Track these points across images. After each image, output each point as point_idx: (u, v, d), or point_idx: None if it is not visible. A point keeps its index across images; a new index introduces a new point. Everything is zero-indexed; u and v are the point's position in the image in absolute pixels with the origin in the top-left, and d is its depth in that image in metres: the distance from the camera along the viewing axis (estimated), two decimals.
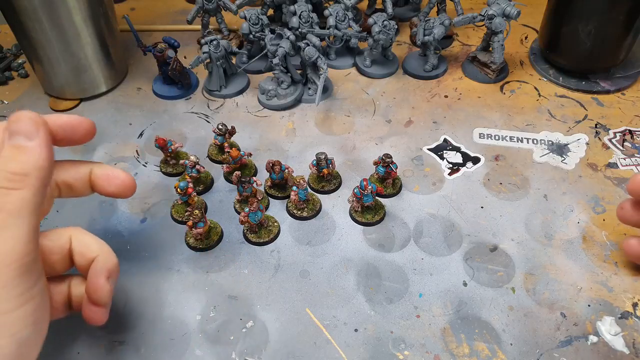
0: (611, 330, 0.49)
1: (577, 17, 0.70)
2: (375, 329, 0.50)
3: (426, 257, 0.56)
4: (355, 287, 0.53)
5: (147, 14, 0.95)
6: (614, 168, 0.64)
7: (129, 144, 0.70)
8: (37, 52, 0.71)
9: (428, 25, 0.75)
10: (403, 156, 0.66)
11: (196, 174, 0.61)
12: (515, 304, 0.51)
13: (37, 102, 0.77)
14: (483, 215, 0.59)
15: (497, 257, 0.55)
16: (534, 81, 0.77)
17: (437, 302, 0.52)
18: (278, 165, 0.59)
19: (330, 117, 0.73)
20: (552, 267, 0.54)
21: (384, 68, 0.79)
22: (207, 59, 0.73)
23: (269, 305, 0.52)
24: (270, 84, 0.73)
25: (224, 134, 0.64)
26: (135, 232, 0.59)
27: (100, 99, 0.77)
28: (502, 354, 0.48)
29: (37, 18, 0.66)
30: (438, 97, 0.75)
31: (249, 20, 0.75)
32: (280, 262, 0.56)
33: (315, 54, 0.70)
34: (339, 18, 0.76)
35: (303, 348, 0.49)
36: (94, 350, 0.49)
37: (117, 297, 0.53)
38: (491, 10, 0.71)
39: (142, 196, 0.63)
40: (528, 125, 0.70)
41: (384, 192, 0.60)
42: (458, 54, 0.83)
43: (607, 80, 0.75)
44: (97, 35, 0.72)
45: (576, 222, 0.58)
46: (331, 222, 0.60)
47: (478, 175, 0.64)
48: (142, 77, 0.81)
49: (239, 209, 0.60)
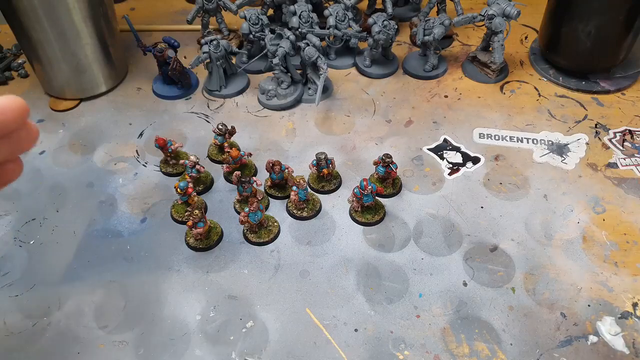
0: (611, 330, 0.49)
1: (577, 17, 0.70)
2: (375, 329, 0.50)
3: (426, 257, 0.56)
4: (355, 287, 0.53)
5: (147, 14, 0.95)
6: (614, 168, 0.64)
7: (129, 144, 0.70)
8: (37, 52, 0.71)
9: (428, 25, 0.75)
10: (403, 156, 0.66)
11: (196, 174, 0.61)
12: (515, 304, 0.51)
13: (37, 102, 0.77)
14: (483, 215, 0.59)
15: (497, 257, 0.55)
16: (534, 81, 0.77)
17: (437, 302, 0.52)
18: (278, 165, 0.59)
19: (330, 117, 0.73)
20: (552, 267, 0.54)
21: (384, 68, 0.79)
22: (207, 59, 0.73)
23: (269, 305, 0.52)
24: (270, 84, 0.73)
25: (224, 134, 0.64)
26: (135, 232, 0.59)
27: (100, 99, 0.77)
28: (502, 354, 0.48)
29: (37, 18, 0.66)
30: (438, 97, 0.75)
31: (249, 20, 0.75)
32: (280, 262, 0.56)
33: (315, 54, 0.70)
34: (339, 18, 0.76)
35: (303, 348, 0.49)
36: (94, 350, 0.49)
37: (117, 297, 0.53)
38: (491, 10, 0.71)
39: (142, 196, 0.63)
40: (528, 125, 0.70)
41: (384, 192, 0.60)
42: (458, 54, 0.83)
43: (607, 80, 0.75)
44: (97, 35, 0.72)
45: (576, 222, 0.58)
46: (331, 222, 0.60)
47: (478, 175, 0.64)
48: (142, 77, 0.81)
49: (239, 209, 0.60)
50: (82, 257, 0.57)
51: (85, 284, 0.54)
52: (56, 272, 0.56)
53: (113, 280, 0.55)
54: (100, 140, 0.70)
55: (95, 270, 0.56)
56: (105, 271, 0.56)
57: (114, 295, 0.54)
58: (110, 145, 0.70)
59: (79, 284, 0.54)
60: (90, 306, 0.53)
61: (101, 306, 0.53)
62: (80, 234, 0.59)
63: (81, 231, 0.60)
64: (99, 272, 0.56)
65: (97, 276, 0.55)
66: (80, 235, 0.59)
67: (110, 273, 0.55)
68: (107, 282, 0.55)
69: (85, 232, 0.60)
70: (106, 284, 0.54)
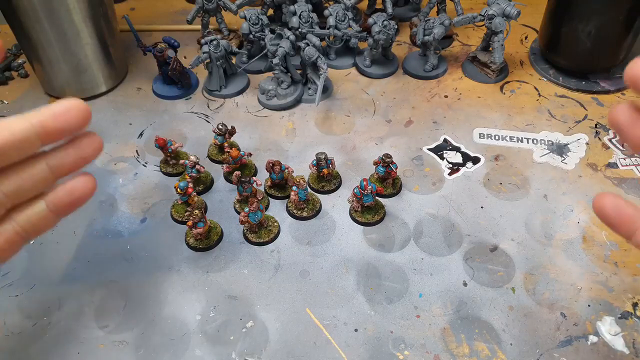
0: (611, 330, 0.49)
1: (577, 17, 0.70)
2: (375, 329, 0.50)
3: (426, 257, 0.56)
4: (355, 287, 0.53)
5: (147, 14, 0.95)
6: (614, 168, 0.64)
7: (129, 144, 0.70)
8: (37, 52, 0.71)
9: (428, 25, 0.75)
10: (403, 156, 0.66)
11: (196, 174, 0.61)
12: (515, 304, 0.51)
13: (37, 102, 0.76)
14: (483, 215, 0.59)
15: (497, 257, 0.55)
16: (534, 81, 0.77)
17: (437, 302, 0.52)
18: (278, 165, 0.59)
19: (330, 117, 0.73)
20: (552, 267, 0.54)
21: (384, 68, 0.79)
22: (207, 59, 0.73)
23: (269, 305, 0.52)
24: (270, 84, 0.73)
25: (224, 134, 0.64)
26: (135, 232, 0.59)
27: (100, 99, 0.77)
28: (502, 354, 0.48)
29: (37, 18, 0.66)
30: (438, 97, 0.75)
31: (249, 20, 0.75)
32: (280, 262, 0.56)
33: (315, 54, 0.70)
34: (339, 18, 0.76)
35: (303, 348, 0.49)
36: (94, 350, 0.49)
37: (117, 297, 0.53)
38: (491, 10, 0.71)
39: (142, 196, 0.63)
40: (528, 125, 0.70)
41: (384, 192, 0.60)
42: (458, 54, 0.83)
43: (607, 80, 0.75)
44: (97, 35, 0.72)
45: (576, 222, 0.58)
46: (331, 222, 0.60)
47: (478, 175, 0.64)
48: (142, 77, 0.81)
49: (239, 209, 0.60)
50: (82, 257, 0.57)
51: (85, 284, 0.54)
52: (56, 272, 0.55)
53: (113, 280, 0.55)
54: None
55: (95, 270, 0.56)
56: (105, 271, 0.56)
57: (114, 295, 0.54)
58: (110, 145, 0.70)
59: (79, 284, 0.55)
60: (90, 306, 0.53)
61: (101, 306, 0.53)
62: (80, 234, 0.59)
63: (81, 231, 0.60)
64: (99, 272, 0.56)
65: (97, 276, 0.55)
66: (80, 235, 0.59)
67: (110, 273, 0.55)
68: (107, 282, 0.55)
69: (85, 232, 0.60)
70: (106, 284, 0.54)
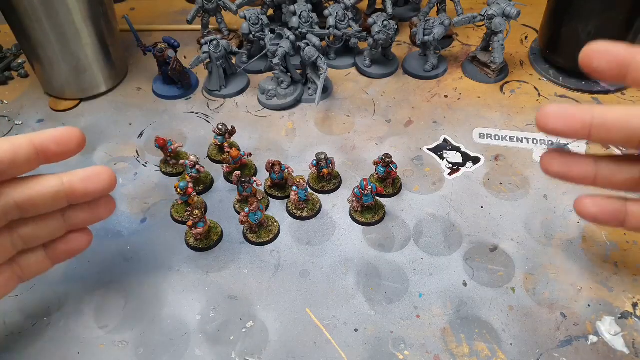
0: (611, 330, 0.49)
1: (577, 17, 0.70)
2: (375, 329, 0.50)
3: (426, 257, 0.56)
4: (355, 287, 0.53)
5: (147, 14, 0.95)
6: None
7: (129, 144, 0.70)
8: (37, 52, 0.71)
9: (428, 25, 0.75)
10: (403, 156, 0.66)
11: (196, 174, 0.61)
12: (515, 304, 0.51)
13: (37, 102, 0.77)
14: (483, 215, 0.59)
15: (497, 257, 0.55)
16: (534, 81, 0.77)
17: (437, 302, 0.52)
18: (278, 165, 0.59)
19: (330, 117, 0.73)
20: (552, 267, 0.54)
21: (384, 68, 0.79)
22: (207, 59, 0.73)
23: (269, 305, 0.52)
24: (270, 84, 0.73)
25: (224, 134, 0.64)
26: (135, 232, 0.59)
27: (100, 99, 0.77)
28: (502, 354, 0.48)
29: (37, 18, 0.66)
30: (438, 97, 0.75)
31: (249, 20, 0.75)
32: (280, 262, 0.56)
33: (315, 54, 0.70)
34: (338, 18, 0.76)
35: (303, 348, 0.49)
36: (94, 350, 0.49)
37: (117, 297, 0.53)
38: (491, 10, 0.71)
39: (142, 196, 0.63)
40: (528, 125, 0.70)
41: (384, 192, 0.60)
42: (458, 54, 0.83)
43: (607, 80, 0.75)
44: (97, 35, 0.72)
45: (576, 222, 0.58)
46: (331, 222, 0.60)
47: (478, 175, 0.64)
48: (142, 77, 0.81)
49: (239, 209, 0.60)
50: (81, 257, 0.57)
51: (85, 284, 0.54)
52: (56, 272, 0.55)
53: (113, 280, 0.55)
54: (100, 140, 0.70)
55: (95, 270, 0.56)
56: (105, 271, 0.56)
57: (114, 295, 0.54)
58: (110, 145, 0.70)
59: (78, 284, 0.54)
60: (90, 306, 0.53)
61: (101, 306, 0.53)
62: None
63: None
64: (99, 272, 0.56)
65: (97, 276, 0.55)
66: None
67: (110, 273, 0.55)
68: (107, 282, 0.55)
69: None
70: (106, 284, 0.54)
